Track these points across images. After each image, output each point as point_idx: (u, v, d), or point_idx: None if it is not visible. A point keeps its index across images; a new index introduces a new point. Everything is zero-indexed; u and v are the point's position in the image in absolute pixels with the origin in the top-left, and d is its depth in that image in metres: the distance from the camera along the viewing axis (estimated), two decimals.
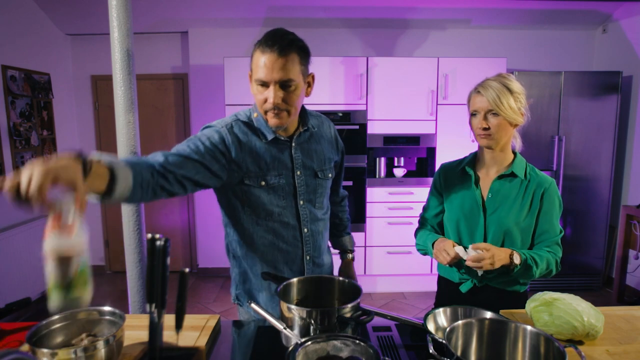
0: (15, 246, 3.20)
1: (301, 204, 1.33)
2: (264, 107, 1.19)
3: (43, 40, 3.77)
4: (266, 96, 1.17)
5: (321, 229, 1.41)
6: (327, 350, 0.93)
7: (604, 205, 3.73)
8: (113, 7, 1.43)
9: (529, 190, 1.37)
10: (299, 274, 1.38)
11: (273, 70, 1.13)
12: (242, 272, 1.40)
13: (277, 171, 1.28)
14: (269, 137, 1.26)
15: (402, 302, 3.69)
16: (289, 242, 1.33)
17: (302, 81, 1.20)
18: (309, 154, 1.34)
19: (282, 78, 1.14)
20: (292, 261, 1.36)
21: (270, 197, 1.28)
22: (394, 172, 3.78)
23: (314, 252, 1.39)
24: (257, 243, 1.33)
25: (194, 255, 4.41)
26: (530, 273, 1.31)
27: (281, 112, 1.18)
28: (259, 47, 1.15)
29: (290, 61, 1.14)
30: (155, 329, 0.90)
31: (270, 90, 1.15)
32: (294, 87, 1.17)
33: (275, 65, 1.12)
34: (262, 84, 1.16)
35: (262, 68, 1.14)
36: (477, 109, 1.34)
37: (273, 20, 3.92)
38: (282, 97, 1.16)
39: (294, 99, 1.19)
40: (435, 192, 1.55)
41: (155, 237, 0.88)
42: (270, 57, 1.12)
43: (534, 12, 3.85)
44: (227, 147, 1.22)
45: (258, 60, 1.15)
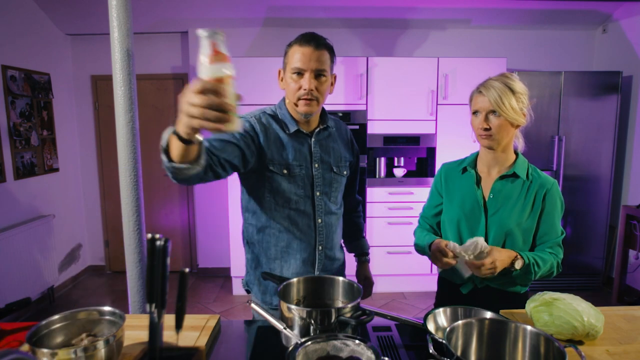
0: (15, 246, 3.20)
1: (317, 195, 1.41)
2: (297, 94, 1.31)
3: (43, 40, 3.77)
4: (301, 84, 1.30)
5: (334, 223, 1.47)
6: (327, 350, 0.93)
7: (604, 205, 3.73)
8: (113, 7, 1.43)
9: (531, 191, 1.37)
10: (310, 264, 1.43)
11: (310, 60, 1.28)
12: (255, 258, 1.46)
13: (297, 162, 1.38)
14: (292, 129, 1.38)
15: (402, 302, 3.69)
16: (303, 230, 1.40)
17: (330, 76, 1.35)
18: (327, 150, 1.44)
19: (317, 67, 1.29)
20: (304, 250, 1.41)
21: (290, 185, 1.37)
22: (394, 172, 3.78)
23: (327, 243, 1.45)
24: (273, 228, 1.39)
25: (194, 255, 4.41)
26: (529, 277, 1.31)
27: (312, 100, 1.31)
28: (296, 43, 1.31)
29: (323, 55, 1.30)
30: (155, 329, 0.90)
31: (306, 78, 1.29)
32: (325, 79, 1.32)
33: (312, 56, 1.28)
34: (298, 73, 1.30)
35: (300, 59, 1.28)
36: (479, 108, 1.33)
37: (273, 20, 3.92)
38: (315, 86, 1.30)
39: (324, 90, 1.33)
40: (435, 191, 1.55)
41: (155, 237, 0.88)
42: (307, 50, 1.28)
43: (534, 12, 3.85)
44: (257, 134, 1.34)
45: (294, 53, 1.30)
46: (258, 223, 1.42)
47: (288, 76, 1.33)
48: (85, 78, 4.19)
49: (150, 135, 4.21)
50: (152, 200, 4.28)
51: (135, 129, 1.55)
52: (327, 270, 1.47)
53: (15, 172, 3.35)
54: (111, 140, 4.21)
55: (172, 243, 4.07)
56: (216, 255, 4.27)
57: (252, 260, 1.47)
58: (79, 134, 4.25)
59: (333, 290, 1.22)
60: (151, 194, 4.27)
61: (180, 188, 4.33)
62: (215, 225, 4.22)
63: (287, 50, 1.34)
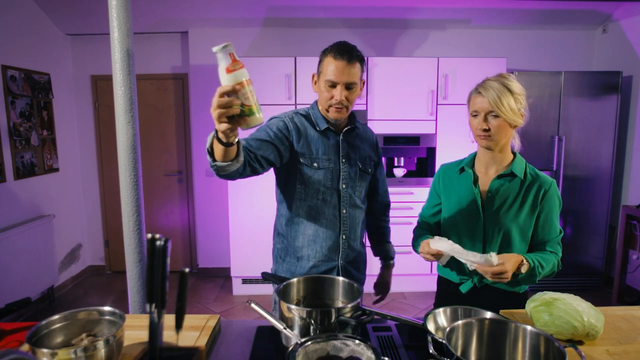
0: (15, 246, 3.20)
1: (343, 187, 1.52)
2: (329, 102, 1.44)
3: (43, 40, 3.77)
4: (333, 94, 1.42)
5: (358, 216, 1.58)
6: (327, 350, 0.93)
7: (604, 205, 3.73)
8: (113, 7, 1.43)
9: (529, 191, 1.37)
10: (335, 251, 1.53)
11: (343, 74, 1.39)
12: (284, 248, 1.57)
13: (327, 156, 1.50)
14: (322, 127, 1.50)
15: (402, 302, 3.69)
16: (329, 219, 1.51)
17: (360, 85, 1.46)
18: (353, 148, 1.56)
19: (348, 81, 1.40)
20: (329, 238, 1.52)
21: (319, 177, 1.49)
22: (394, 172, 3.78)
23: (350, 233, 1.55)
24: (302, 217, 1.51)
25: (194, 255, 4.41)
26: (533, 279, 1.31)
27: (342, 109, 1.44)
28: (331, 54, 1.40)
29: (355, 68, 1.40)
30: (155, 329, 0.90)
31: (338, 90, 1.41)
32: (355, 89, 1.43)
33: (344, 70, 1.39)
34: (331, 85, 1.41)
35: (333, 71, 1.39)
36: (478, 109, 1.34)
37: (273, 20, 3.92)
38: (346, 96, 1.41)
39: (353, 99, 1.45)
40: (434, 192, 1.56)
41: (155, 237, 0.88)
42: (340, 64, 1.38)
43: (534, 12, 3.85)
44: (290, 132, 1.47)
45: (329, 64, 1.40)
46: (288, 213, 1.54)
47: (322, 85, 1.44)
48: (85, 78, 4.19)
49: (150, 135, 4.21)
50: (152, 200, 4.29)
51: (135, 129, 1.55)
52: (350, 260, 1.57)
53: (15, 172, 3.35)
54: (111, 140, 4.22)
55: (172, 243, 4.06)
56: (216, 255, 4.27)
57: (281, 250, 1.58)
58: (79, 134, 4.25)
59: (333, 290, 1.23)
60: (151, 194, 4.27)
61: (180, 188, 4.33)
62: (215, 225, 4.22)
63: (322, 59, 1.44)
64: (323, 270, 1.52)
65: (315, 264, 1.52)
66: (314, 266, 1.52)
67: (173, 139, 4.27)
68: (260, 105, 1.03)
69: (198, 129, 4.12)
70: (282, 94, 3.56)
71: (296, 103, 3.58)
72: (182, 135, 4.26)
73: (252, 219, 3.63)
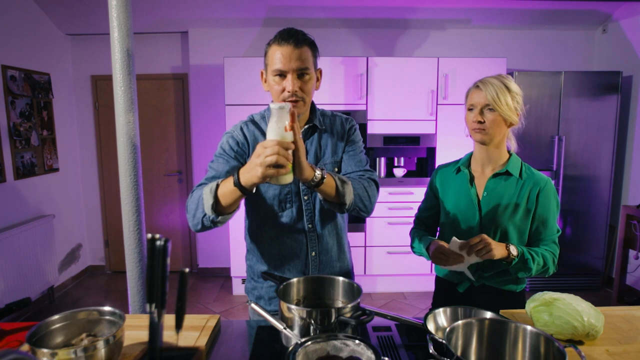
0: (15, 246, 3.20)
1: (305, 199, 1.35)
2: (281, 96, 1.25)
3: (43, 40, 3.77)
4: (284, 86, 1.24)
5: (328, 225, 1.39)
6: (327, 350, 0.93)
7: (604, 205, 3.73)
8: (113, 7, 1.43)
9: (525, 189, 1.38)
10: (302, 272, 1.39)
11: (291, 60, 1.22)
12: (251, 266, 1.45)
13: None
14: None
15: (402, 302, 3.69)
16: (293, 237, 1.36)
17: (314, 73, 1.29)
18: (313, 151, 1.37)
19: (299, 67, 1.23)
20: (295, 256, 1.38)
21: (274, 191, 1.33)
22: (394, 172, 3.78)
23: (320, 248, 1.39)
24: (265, 237, 1.38)
25: (194, 255, 4.41)
26: (527, 266, 1.31)
27: (298, 101, 1.25)
28: (275, 42, 1.25)
29: (304, 52, 1.24)
30: (155, 329, 0.90)
31: (288, 79, 1.23)
32: (309, 77, 1.26)
33: (292, 55, 1.22)
34: (279, 74, 1.24)
35: (280, 59, 1.22)
36: (474, 103, 1.35)
37: (273, 20, 3.92)
38: (299, 86, 1.24)
39: (309, 89, 1.27)
40: (430, 193, 1.56)
41: (155, 237, 0.88)
42: (287, 49, 1.22)
43: (534, 12, 3.85)
44: (241, 147, 1.34)
45: (274, 53, 1.24)
46: (250, 230, 1.41)
47: (270, 78, 1.28)
48: (85, 78, 4.19)
49: (150, 135, 4.21)
50: (152, 200, 4.29)
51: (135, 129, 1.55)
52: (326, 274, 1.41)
53: (15, 172, 3.35)
54: (111, 140, 4.22)
55: (172, 243, 4.07)
56: (216, 255, 4.27)
57: (250, 267, 1.46)
58: (79, 134, 4.25)
59: (333, 290, 1.22)
60: (151, 194, 4.27)
61: (180, 188, 4.33)
62: None
63: (267, 50, 1.28)
64: None
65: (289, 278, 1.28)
66: None
67: (173, 139, 4.27)
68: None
69: (198, 129, 4.12)
70: None
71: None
72: (182, 135, 4.26)
73: None
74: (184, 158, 4.30)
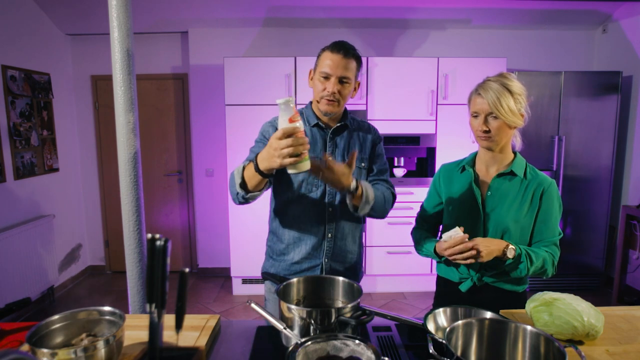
0: (15, 246, 3.20)
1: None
2: (321, 94, 1.45)
3: (43, 40, 3.77)
4: (326, 86, 1.44)
5: (347, 214, 1.51)
6: (327, 350, 0.93)
7: (604, 205, 3.73)
8: (113, 7, 1.43)
9: (529, 190, 1.38)
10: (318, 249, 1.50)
11: (337, 67, 1.42)
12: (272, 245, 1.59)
13: (312, 153, 1.49)
14: (312, 122, 1.52)
15: (402, 302, 3.69)
16: (313, 217, 1.50)
17: (353, 82, 1.48)
18: (340, 145, 1.55)
19: (342, 75, 1.43)
20: (313, 235, 1.51)
21: (304, 174, 1.47)
22: (394, 172, 3.78)
23: (337, 232, 1.52)
24: (287, 215, 1.52)
25: (194, 255, 4.41)
26: (520, 268, 1.32)
27: (334, 102, 1.45)
28: (328, 49, 1.46)
29: (350, 64, 1.44)
30: (155, 329, 0.90)
31: (331, 82, 1.43)
32: (348, 84, 1.45)
33: (339, 64, 1.42)
34: (325, 77, 1.44)
35: (328, 64, 1.43)
36: (478, 110, 1.34)
37: (273, 20, 3.92)
38: (338, 89, 1.43)
39: (346, 94, 1.47)
40: (434, 191, 1.56)
41: (155, 237, 0.88)
42: (336, 57, 1.43)
43: (534, 12, 3.85)
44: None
45: (325, 59, 1.45)
46: (276, 210, 1.56)
47: (317, 77, 1.47)
48: (85, 78, 4.19)
49: (150, 135, 4.21)
50: (152, 200, 4.29)
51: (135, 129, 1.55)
52: (337, 260, 1.53)
53: (15, 172, 3.35)
54: (111, 140, 4.22)
55: (172, 243, 4.07)
56: (216, 255, 4.27)
57: (270, 247, 1.61)
58: (79, 134, 4.25)
59: (333, 290, 1.23)
60: (151, 194, 4.27)
61: (180, 188, 4.33)
62: (215, 225, 4.22)
63: (320, 54, 1.49)
64: (305, 267, 1.51)
65: (297, 261, 1.52)
66: (296, 262, 1.52)
67: (173, 139, 4.27)
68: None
69: (198, 129, 4.12)
70: (282, 94, 3.56)
71: (296, 103, 3.58)
72: (182, 135, 4.26)
73: (252, 219, 3.63)
74: (184, 158, 4.30)
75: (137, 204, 1.60)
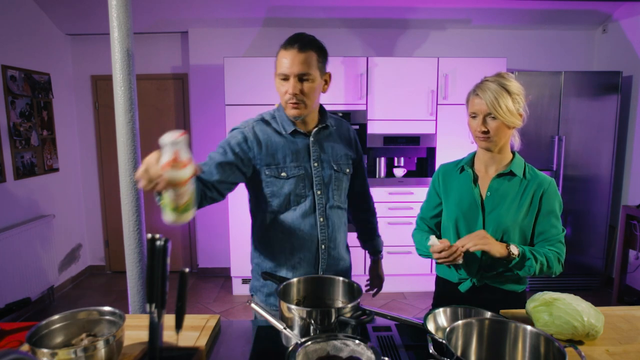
0: (15, 246, 3.20)
1: (318, 193, 1.41)
2: (284, 98, 1.33)
3: (43, 40, 3.77)
4: (286, 88, 1.31)
5: (337, 221, 1.47)
6: (327, 350, 0.93)
7: (604, 205, 3.72)
8: (113, 7, 1.43)
9: (528, 190, 1.37)
10: (314, 263, 1.43)
11: (293, 65, 1.27)
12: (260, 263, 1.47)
13: (295, 162, 1.39)
14: (289, 130, 1.39)
15: (402, 302, 3.69)
16: (305, 230, 1.41)
17: (318, 77, 1.33)
18: (326, 149, 1.45)
19: (300, 71, 1.28)
20: (307, 249, 1.42)
21: (290, 186, 1.38)
22: (394, 172, 3.78)
23: (330, 242, 1.45)
24: (276, 231, 1.41)
25: (194, 255, 4.41)
26: (527, 266, 1.30)
27: (299, 104, 1.32)
28: (283, 46, 1.31)
29: (309, 57, 1.29)
30: (155, 329, 0.90)
31: (290, 82, 1.29)
32: (311, 81, 1.31)
33: (295, 60, 1.27)
34: (283, 78, 1.31)
35: (284, 63, 1.29)
36: (476, 111, 1.34)
37: (273, 20, 3.92)
38: (299, 89, 1.30)
39: (310, 92, 1.32)
40: (433, 192, 1.55)
41: (155, 237, 0.88)
42: (290, 53, 1.28)
43: (534, 12, 3.85)
44: (249, 145, 1.36)
45: (281, 56, 1.30)
46: (262, 226, 1.44)
47: (276, 80, 1.35)
48: (85, 78, 4.19)
49: (150, 135, 4.20)
50: (152, 200, 4.27)
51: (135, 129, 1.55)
52: (331, 270, 1.47)
53: (15, 172, 3.35)
54: (111, 140, 4.21)
55: (172, 243, 4.07)
56: (216, 255, 4.27)
57: (258, 265, 1.48)
58: (79, 134, 4.25)
59: (333, 290, 1.22)
60: (151, 194, 4.26)
61: None
62: (215, 225, 4.21)
63: (277, 53, 1.34)
64: None
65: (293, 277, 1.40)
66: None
67: None
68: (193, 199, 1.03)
69: (198, 129, 4.12)
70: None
71: None
72: None
73: None
74: None
75: (137, 204, 1.60)
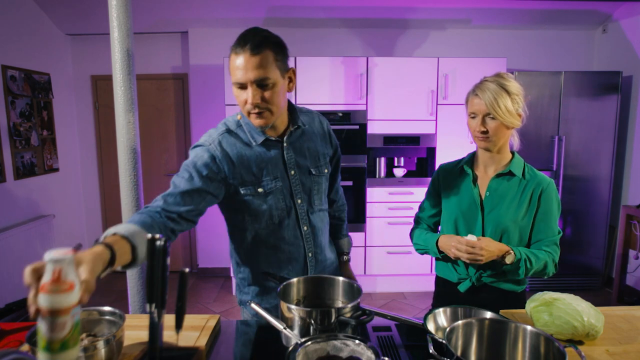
0: (15, 246, 3.20)
1: (299, 202, 1.33)
2: (245, 108, 1.16)
3: (43, 40, 3.77)
4: (245, 98, 1.14)
5: (321, 226, 1.41)
6: (327, 350, 0.93)
7: (604, 205, 3.72)
8: (113, 7, 1.43)
9: (527, 190, 1.38)
10: (302, 272, 1.38)
11: (248, 71, 1.10)
12: (246, 277, 1.40)
13: (271, 175, 1.27)
14: (259, 140, 1.24)
15: (402, 302, 3.69)
16: (290, 242, 1.34)
17: (280, 77, 1.16)
18: (302, 152, 1.33)
19: (257, 77, 1.11)
20: (295, 260, 1.36)
21: (269, 202, 1.27)
22: (394, 172, 3.78)
23: (316, 248, 1.39)
24: (260, 247, 1.34)
25: (194, 255, 4.41)
26: (518, 272, 1.33)
27: (263, 112, 1.16)
28: (233, 49, 1.13)
29: (264, 59, 1.11)
30: (155, 329, 0.90)
31: (248, 91, 1.13)
32: (272, 85, 1.14)
33: (249, 64, 1.10)
34: (240, 86, 1.14)
35: (238, 69, 1.12)
36: (475, 111, 1.34)
37: (273, 20, 3.92)
38: (260, 97, 1.13)
39: (274, 97, 1.15)
40: (432, 192, 1.55)
41: (155, 237, 0.88)
42: (243, 57, 1.10)
43: (534, 12, 3.85)
44: (219, 165, 1.21)
45: (233, 62, 1.13)
46: (244, 245, 1.35)
47: (233, 89, 1.17)
48: (85, 78, 4.19)
49: (150, 135, 4.21)
50: (152, 200, 4.28)
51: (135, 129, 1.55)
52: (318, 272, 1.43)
53: (15, 172, 3.35)
54: (111, 140, 4.21)
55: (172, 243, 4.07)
56: (216, 255, 4.27)
57: (244, 279, 1.41)
58: (79, 134, 4.25)
59: (333, 290, 1.22)
60: (151, 194, 4.25)
61: None
62: (215, 225, 4.21)
63: (229, 57, 1.16)
64: None
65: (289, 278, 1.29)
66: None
67: (173, 139, 4.27)
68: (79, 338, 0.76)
69: (198, 129, 4.12)
70: None
71: (296, 103, 3.58)
72: (182, 135, 4.26)
73: None
74: (184, 158, 4.29)
75: (137, 204, 1.60)
